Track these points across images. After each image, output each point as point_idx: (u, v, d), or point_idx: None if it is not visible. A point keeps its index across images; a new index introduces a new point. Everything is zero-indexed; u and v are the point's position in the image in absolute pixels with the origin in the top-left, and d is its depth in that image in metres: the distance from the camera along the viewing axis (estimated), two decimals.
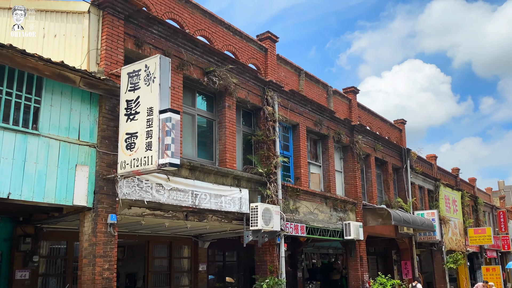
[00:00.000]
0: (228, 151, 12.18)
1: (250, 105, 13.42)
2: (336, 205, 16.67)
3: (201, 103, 12.46)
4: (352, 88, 19.03)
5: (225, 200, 11.63)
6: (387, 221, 17.63)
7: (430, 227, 20.74)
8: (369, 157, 19.91)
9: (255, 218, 11.96)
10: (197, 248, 14.40)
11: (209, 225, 12.24)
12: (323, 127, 16.69)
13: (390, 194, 21.16)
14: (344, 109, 18.60)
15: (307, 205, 15.11)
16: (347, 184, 18.24)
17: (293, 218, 14.22)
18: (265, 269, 12.95)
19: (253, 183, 12.89)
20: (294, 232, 14.15)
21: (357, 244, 17.52)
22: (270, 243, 13.09)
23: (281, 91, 14.39)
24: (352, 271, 17.56)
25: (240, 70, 12.91)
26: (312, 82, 16.70)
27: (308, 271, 21.79)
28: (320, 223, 15.61)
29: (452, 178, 30.90)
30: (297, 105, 15.39)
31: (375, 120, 21.17)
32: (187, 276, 14.27)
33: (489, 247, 35.27)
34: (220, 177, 11.74)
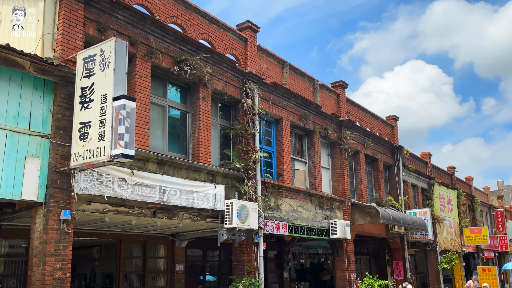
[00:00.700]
0: (202, 145, 11.55)
1: (228, 97, 12.79)
2: (322, 203, 16.03)
3: (175, 94, 11.83)
4: (340, 82, 18.38)
5: (198, 197, 10.99)
6: (376, 219, 16.98)
7: (422, 226, 20.09)
8: (358, 154, 19.26)
9: (230, 216, 11.33)
10: (174, 247, 13.76)
11: (182, 223, 11.62)
12: (309, 122, 16.05)
13: (381, 192, 20.52)
14: (332, 104, 17.95)
15: (290, 202, 14.47)
16: (335, 182, 17.59)
17: (274, 216, 13.59)
18: (242, 269, 12.32)
19: (230, 179, 12.26)
20: (275, 230, 13.51)
21: (344, 243, 16.88)
22: (248, 242, 12.45)
23: (262, 83, 13.76)
24: (339, 271, 16.91)
25: (216, 60, 12.28)
26: (297, 75, 16.06)
27: (297, 271, 21.18)
28: (304, 221, 14.97)
29: (447, 176, 30.22)
30: (280, 98, 14.75)
31: (365, 116, 20.52)
32: (163, 276, 13.63)
33: (486, 247, 34.61)
34: (192, 172, 11.11)
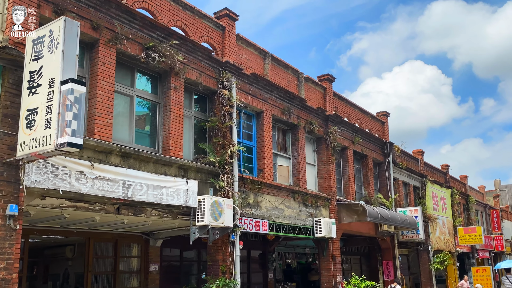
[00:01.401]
0: (173, 137, 10.89)
1: (203, 88, 12.13)
2: (306, 200, 15.38)
3: (145, 84, 11.17)
4: (327, 75, 17.74)
5: (167, 192, 10.32)
6: (363, 218, 16.34)
7: (412, 225, 19.45)
8: (346, 150, 18.62)
9: (202, 213, 10.68)
10: (148, 246, 13.10)
11: (151, 221, 10.95)
12: (293, 116, 15.40)
13: (370, 190, 19.87)
14: (318, 98, 17.31)
15: (271, 199, 13.82)
16: (321, 178, 16.95)
17: (253, 213, 12.95)
18: (217, 269, 11.67)
19: (204, 174, 11.61)
20: (255, 228, 12.86)
21: (330, 242, 16.23)
22: (224, 241, 11.79)
23: (240, 74, 13.11)
24: (324, 271, 16.26)
25: (190, 48, 11.63)
26: (280, 67, 15.41)
27: (285, 272, 20.54)
28: (287, 219, 14.32)
29: (441, 175, 29.59)
30: (261, 90, 14.10)
31: (353, 111, 19.88)
32: (136, 277, 12.97)
33: (481, 247, 33.99)
34: (161, 166, 10.45)
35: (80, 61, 9.63)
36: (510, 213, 47.45)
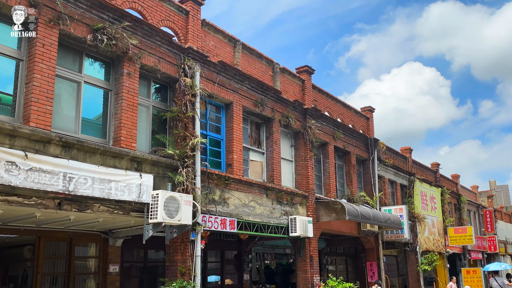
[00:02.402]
0: (125, 127, 10.04)
1: (162, 75, 11.28)
2: (281, 197, 14.54)
3: (96, 69, 10.30)
4: (305, 67, 16.91)
5: (117, 187, 9.47)
6: (341, 216, 15.50)
7: (397, 225, 18.61)
8: (327, 146, 17.80)
9: (155, 209, 9.82)
10: (107, 246, 12.25)
11: (101, 218, 10.09)
12: (266, 108, 14.57)
13: (352, 187, 19.04)
14: (295, 90, 16.48)
15: (241, 196, 12.97)
16: (298, 175, 16.11)
17: (219, 211, 12.11)
18: (175, 270, 10.81)
19: (162, 168, 10.77)
20: (220, 227, 12.02)
21: (307, 242, 15.39)
22: (183, 240, 10.95)
23: (205, 62, 12.28)
24: (301, 272, 15.42)
25: (147, 32, 10.79)
26: (252, 57, 14.58)
27: (265, 273, 19.71)
28: (258, 217, 13.47)
29: (431, 173, 28.77)
30: (231, 80, 13.27)
31: (335, 105, 19.05)
32: (93, 278, 12.10)
33: (474, 248, 33.19)
34: (110, 158, 9.61)
35: (17, 42, 8.81)
36: (504, 214, 46.67)
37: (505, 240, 43.54)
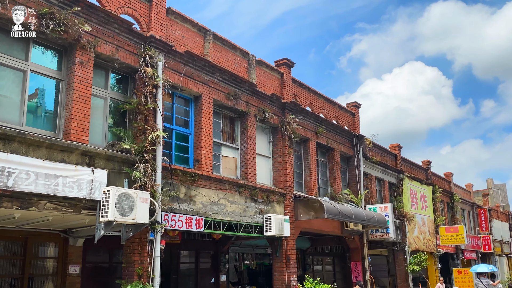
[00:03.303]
0: (76, 119, 9.39)
1: (121, 65, 10.63)
2: (255, 195, 13.89)
3: (49, 59, 9.65)
4: (284, 60, 16.25)
5: (65, 183, 8.83)
6: (320, 214, 14.86)
7: (381, 223, 17.95)
8: (308, 142, 17.15)
9: (106, 207, 9.16)
10: (67, 246, 11.63)
11: (51, 216, 9.46)
12: (240, 102, 13.92)
13: (336, 185, 18.39)
14: (273, 84, 15.82)
15: (210, 193, 12.33)
16: (276, 172, 15.46)
17: (184, 209, 11.46)
18: (132, 272, 10.16)
19: (118, 163, 10.12)
20: (185, 226, 11.37)
21: (284, 241, 14.75)
22: (141, 240, 10.29)
23: (170, 52, 11.63)
24: (277, 273, 14.78)
25: (103, 19, 10.15)
26: (225, 47, 13.92)
27: (248, 274, 19.10)
28: (229, 216, 12.83)
29: (422, 171, 28.09)
30: (200, 72, 12.62)
31: (318, 100, 18.39)
32: (51, 280, 11.47)
33: (467, 247, 32.52)
34: (58, 152, 8.96)
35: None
36: (500, 213, 45.95)
37: (501, 239, 42.84)
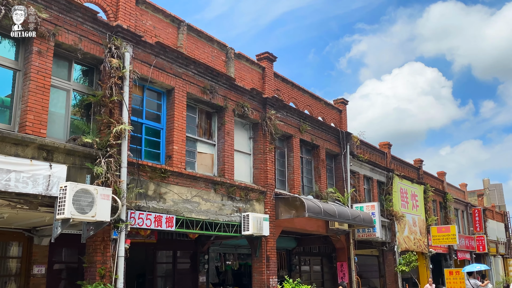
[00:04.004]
0: (32, 111, 8.90)
1: (85, 55, 10.13)
2: (233, 192, 13.40)
3: (5, 48, 9.16)
4: (266, 54, 15.76)
5: (18, 178, 8.34)
6: (301, 212, 14.37)
7: (367, 223, 17.45)
8: (291, 139, 16.66)
9: (63, 203, 8.66)
10: (31, 245, 11.13)
11: (5, 213, 8.96)
12: (217, 96, 13.43)
13: (321, 183, 17.90)
14: (254, 78, 15.33)
15: (182, 191, 11.84)
16: (256, 169, 14.97)
17: (153, 206, 10.97)
18: (94, 272, 9.67)
19: (79, 158, 9.62)
20: (154, 225, 10.88)
21: (264, 241, 14.26)
22: (104, 239, 9.80)
23: (140, 43, 11.14)
24: (256, 274, 14.30)
25: (64, 7, 9.65)
26: (201, 40, 13.43)
27: (233, 275, 18.60)
28: (203, 214, 12.34)
29: (413, 170, 27.60)
30: (173, 64, 12.13)
31: (302, 96, 17.89)
32: (14, 281, 10.98)
33: (461, 247, 32.06)
34: (11, 145, 8.47)
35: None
36: (496, 213, 45.48)
37: (496, 240, 42.36)
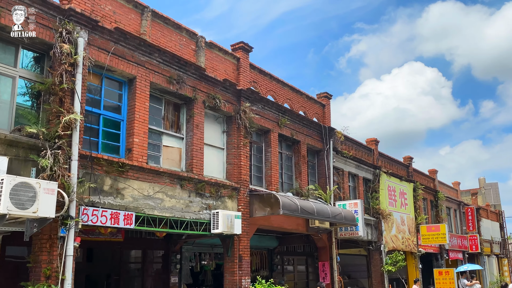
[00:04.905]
0: None
1: (33, 40, 9.39)
2: (202, 189, 12.69)
3: None
4: (241, 43, 15.05)
5: None
6: (275, 210, 13.67)
7: (349, 221, 16.75)
8: (269, 133, 15.96)
9: None
10: None
11: None
12: (185, 86, 12.72)
13: (302, 180, 17.19)
14: (228, 69, 14.62)
15: (143, 186, 11.13)
16: (230, 164, 14.27)
17: (109, 203, 10.27)
18: (39, 272, 8.95)
19: (23, 150, 8.92)
20: (110, 222, 10.16)
21: (236, 240, 13.55)
22: (51, 237, 9.08)
23: (96, 28, 10.43)
24: (228, 274, 13.59)
25: None
26: (168, 27, 12.72)
27: (213, 275, 17.91)
28: (168, 211, 11.63)
29: (402, 167, 26.90)
30: (134, 52, 11.42)
31: (282, 89, 17.18)
32: None
33: (453, 247, 31.38)
34: None
35: None
36: (490, 212, 44.82)
37: (490, 239, 41.70)
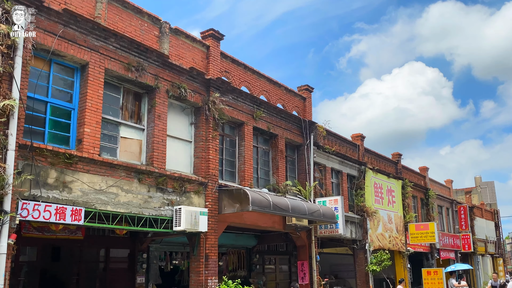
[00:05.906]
0: None
1: None
2: (163, 183, 11.92)
3: None
4: (211, 31, 14.26)
5: None
6: (245, 206, 12.90)
7: (328, 218, 15.96)
8: (243, 126, 15.18)
9: None
10: None
11: None
12: (146, 74, 11.94)
13: (279, 176, 16.42)
14: (196, 58, 13.84)
15: (94, 180, 10.34)
16: (197, 158, 13.49)
17: (54, 197, 9.48)
18: None
19: None
20: (55, 218, 9.39)
21: (203, 238, 12.77)
22: None
23: (42, 9, 9.65)
24: (193, 274, 12.81)
25: None
26: (127, 11, 11.93)
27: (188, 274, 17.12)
28: (123, 207, 10.85)
29: (390, 164, 26.11)
30: (88, 36, 10.64)
31: (258, 80, 16.39)
32: None
33: (445, 246, 30.65)
34: None
35: None
36: (485, 211, 44.11)
37: (485, 238, 40.97)
